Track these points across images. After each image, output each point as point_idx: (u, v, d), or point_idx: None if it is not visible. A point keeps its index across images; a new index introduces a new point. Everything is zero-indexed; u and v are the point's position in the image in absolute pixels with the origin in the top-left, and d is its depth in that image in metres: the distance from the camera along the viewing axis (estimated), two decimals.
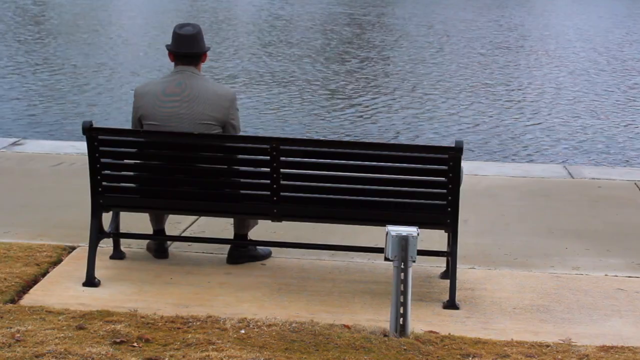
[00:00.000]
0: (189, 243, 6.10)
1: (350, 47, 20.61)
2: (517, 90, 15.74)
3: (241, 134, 5.79)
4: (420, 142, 11.47)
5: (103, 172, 5.43)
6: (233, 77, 16.27)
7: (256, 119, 12.78)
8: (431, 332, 4.82)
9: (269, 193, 5.38)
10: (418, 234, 4.70)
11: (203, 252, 6.03)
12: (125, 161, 5.54)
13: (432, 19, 26.88)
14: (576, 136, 12.46)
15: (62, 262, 5.75)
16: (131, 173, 5.61)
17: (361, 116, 13.32)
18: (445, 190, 5.26)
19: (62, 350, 4.30)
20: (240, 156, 5.48)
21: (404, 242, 4.64)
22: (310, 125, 12.55)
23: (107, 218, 5.64)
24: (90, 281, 5.39)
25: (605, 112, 14.16)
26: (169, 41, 5.72)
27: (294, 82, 15.96)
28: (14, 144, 9.14)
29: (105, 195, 5.47)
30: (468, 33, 23.69)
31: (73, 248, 5.98)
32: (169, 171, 5.52)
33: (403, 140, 11.78)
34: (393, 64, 18.36)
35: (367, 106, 14.03)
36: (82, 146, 7.15)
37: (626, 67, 18.75)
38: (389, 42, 21.68)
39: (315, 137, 11.49)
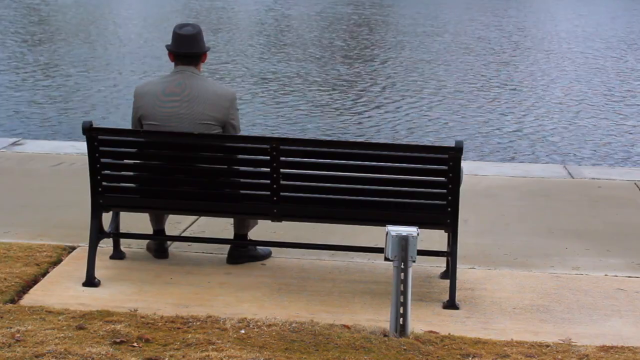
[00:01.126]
0: (189, 243, 6.10)
1: (359, 47, 20.60)
2: (528, 91, 15.73)
3: (242, 133, 5.79)
4: (432, 143, 11.48)
5: (103, 172, 5.43)
6: (241, 77, 16.27)
7: (266, 120, 12.79)
8: (431, 332, 4.81)
9: (268, 193, 5.38)
10: (418, 234, 4.70)
11: (203, 252, 6.03)
12: (125, 161, 5.54)
13: (439, 19, 26.86)
14: (584, 137, 12.45)
15: (62, 262, 5.75)
16: (131, 173, 5.60)
17: (371, 116, 13.31)
18: (445, 190, 5.26)
19: (62, 350, 4.30)
20: (240, 156, 5.47)
21: (404, 242, 4.64)
22: (323, 126, 12.53)
23: (107, 218, 5.64)
24: (90, 281, 5.39)
25: (616, 112, 14.19)
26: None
27: (301, 82, 15.94)
28: (14, 144, 9.14)
29: (105, 195, 5.47)
30: (475, 33, 23.67)
31: (73, 248, 5.98)
32: (169, 171, 5.52)
33: (413, 140, 11.77)
34: (400, 64, 18.35)
35: (377, 106, 14.03)
36: (82, 146, 7.15)
37: (634, 67, 18.76)
38: (396, 42, 21.66)
39: (315, 137, 11.49)
